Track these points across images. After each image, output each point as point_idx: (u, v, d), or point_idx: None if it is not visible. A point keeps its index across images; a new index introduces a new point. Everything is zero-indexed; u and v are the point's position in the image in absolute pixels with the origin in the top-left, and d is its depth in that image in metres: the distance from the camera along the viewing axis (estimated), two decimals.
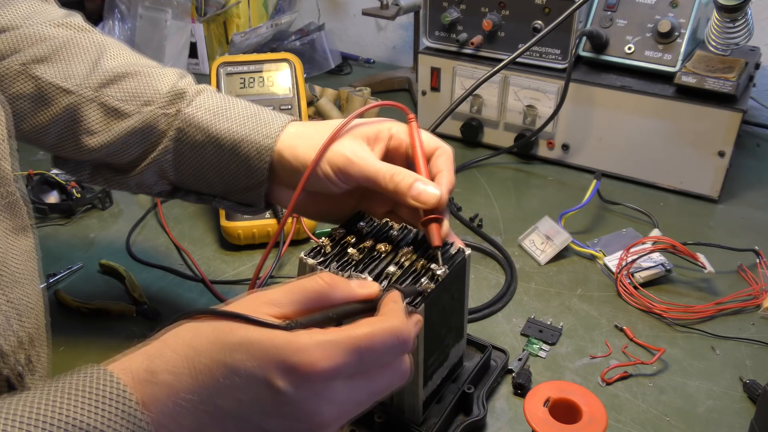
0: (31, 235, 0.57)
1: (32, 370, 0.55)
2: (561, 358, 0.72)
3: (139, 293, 0.79)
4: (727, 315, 0.78)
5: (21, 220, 0.57)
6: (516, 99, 1.08)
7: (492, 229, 0.94)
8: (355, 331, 0.40)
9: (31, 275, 0.57)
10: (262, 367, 0.38)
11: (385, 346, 0.41)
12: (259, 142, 0.58)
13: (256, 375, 0.38)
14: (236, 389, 0.38)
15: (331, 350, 0.39)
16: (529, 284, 0.83)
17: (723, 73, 0.93)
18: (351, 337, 0.40)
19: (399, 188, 0.54)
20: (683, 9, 0.99)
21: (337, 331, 0.40)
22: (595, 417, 0.56)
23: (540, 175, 1.08)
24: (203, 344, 0.39)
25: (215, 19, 1.42)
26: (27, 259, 0.57)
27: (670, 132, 0.98)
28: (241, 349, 0.38)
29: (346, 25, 1.61)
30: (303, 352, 0.38)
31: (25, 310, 0.55)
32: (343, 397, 0.40)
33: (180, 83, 0.61)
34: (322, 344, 0.39)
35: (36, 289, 0.57)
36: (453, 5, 1.09)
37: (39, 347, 0.57)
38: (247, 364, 0.38)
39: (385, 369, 0.42)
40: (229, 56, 0.98)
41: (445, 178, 0.56)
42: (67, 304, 0.78)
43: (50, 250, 0.88)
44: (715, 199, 1.00)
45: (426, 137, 0.59)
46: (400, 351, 0.42)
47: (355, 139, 0.56)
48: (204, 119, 0.59)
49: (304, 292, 0.42)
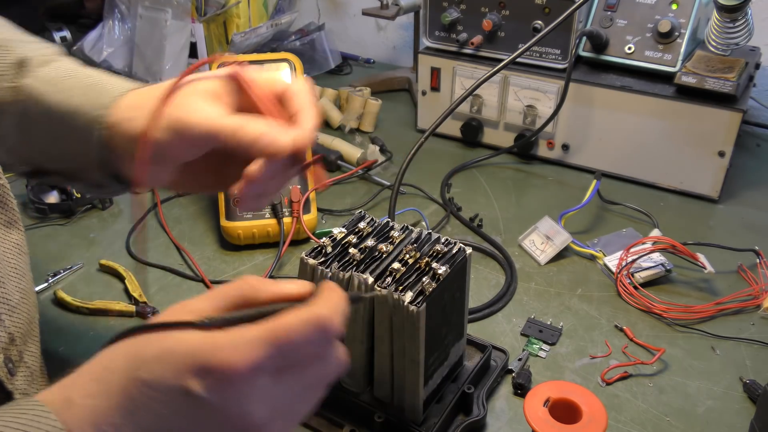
0: (20, 228, 0.57)
1: (23, 367, 0.54)
2: (561, 358, 0.72)
3: (139, 293, 0.79)
4: (727, 315, 0.78)
5: (10, 213, 0.57)
6: (516, 99, 1.08)
7: (492, 229, 0.94)
8: (272, 324, 0.37)
9: (21, 270, 0.56)
10: (177, 375, 0.35)
11: (305, 336, 0.37)
12: (89, 113, 0.51)
13: (171, 384, 0.35)
14: (155, 404, 0.36)
15: (248, 346, 0.36)
16: (529, 284, 0.83)
17: (723, 73, 0.93)
18: (268, 331, 0.37)
19: (243, 142, 0.46)
20: (683, 9, 0.99)
21: (254, 326, 0.37)
22: (595, 417, 0.56)
23: (540, 175, 1.08)
24: (118, 364, 0.37)
25: (215, 19, 1.42)
26: (18, 253, 0.57)
27: (670, 132, 0.99)
28: (156, 360, 0.36)
29: (346, 25, 1.61)
30: (218, 352, 0.35)
31: (17, 305, 0.54)
32: (274, 393, 0.37)
33: (28, 49, 0.55)
34: (237, 341, 0.36)
35: (27, 284, 0.57)
36: (453, 5, 1.10)
37: (31, 344, 0.57)
38: (161, 375, 0.35)
39: (315, 359, 0.39)
40: (229, 56, 0.98)
41: (306, 116, 0.48)
42: (67, 304, 0.78)
43: (50, 250, 0.88)
44: (715, 199, 1.00)
45: (269, 78, 0.51)
46: (325, 339, 0.39)
47: (196, 96, 0.48)
48: (42, 90, 0.52)
49: (225, 297, 0.40)
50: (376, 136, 1.17)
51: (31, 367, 0.56)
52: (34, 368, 0.56)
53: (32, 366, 0.56)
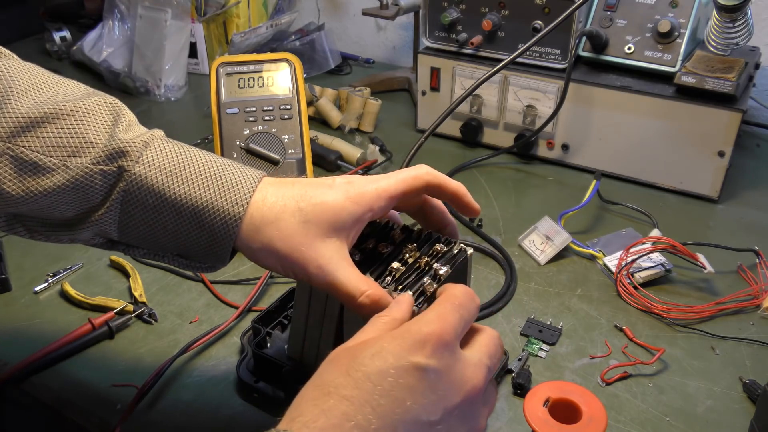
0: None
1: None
2: (561, 358, 0.72)
3: (140, 293, 0.79)
4: (726, 315, 0.78)
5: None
6: (516, 99, 1.08)
7: (492, 229, 0.94)
8: (450, 293, 0.46)
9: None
10: (403, 354, 0.41)
11: (472, 300, 0.47)
12: (225, 209, 0.49)
13: (402, 365, 0.40)
14: (392, 390, 0.40)
15: (445, 316, 0.44)
16: (529, 284, 0.83)
17: (723, 73, 0.93)
18: (449, 298, 0.46)
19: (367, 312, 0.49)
20: (683, 9, 0.99)
21: (439, 301, 0.46)
22: (594, 417, 0.56)
23: (540, 175, 1.08)
24: (339, 381, 0.40)
25: (215, 19, 1.42)
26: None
27: (670, 132, 0.98)
28: (376, 357, 0.41)
29: (346, 25, 1.61)
30: (427, 324, 0.42)
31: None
32: (471, 354, 0.45)
33: (117, 132, 0.50)
34: (435, 312, 0.44)
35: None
36: (453, 5, 1.09)
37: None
38: (386, 363, 0.40)
39: None
40: (228, 56, 0.98)
41: None
42: (71, 297, 0.79)
43: (50, 249, 0.88)
44: (715, 199, 1.00)
45: None
46: (477, 306, 0.48)
47: (331, 241, 0.50)
48: (157, 181, 0.49)
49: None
50: (375, 136, 1.17)
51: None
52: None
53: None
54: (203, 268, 0.54)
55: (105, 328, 0.74)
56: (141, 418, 0.64)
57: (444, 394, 0.42)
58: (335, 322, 0.57)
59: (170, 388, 0.68)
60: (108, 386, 0.68)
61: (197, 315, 0.78)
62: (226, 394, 0.67)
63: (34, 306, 0.79)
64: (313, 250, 0.49)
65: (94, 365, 0.71)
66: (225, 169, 0.51)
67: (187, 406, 0.66)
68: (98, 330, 0.73)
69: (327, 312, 0.58)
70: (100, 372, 0.70)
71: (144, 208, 0.49)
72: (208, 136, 1.16)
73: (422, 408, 0.40)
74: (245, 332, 0.71)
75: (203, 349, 0.73)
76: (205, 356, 0.72)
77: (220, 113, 0.94)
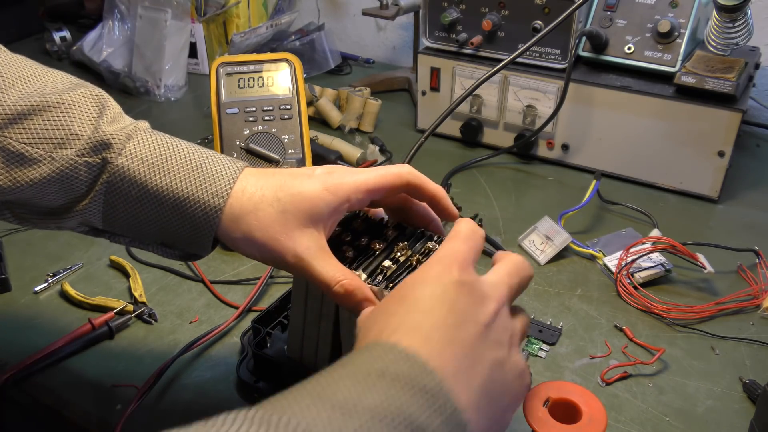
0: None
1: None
2: (561, 358, 0.72)
3: (140, 293, 0.79)
4: (726, 315, 0.78)
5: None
6: (516, 99, 1.08)
7: (492, 229, 0.94)
8: (455, 230, 0.49)
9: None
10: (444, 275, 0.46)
11: (474, 232, 0.50)
12: (205, 201, 0.50)
13: (443, 283, 0.45)
14: None
15: (455, 246, 0.48)
16: (529, 284, 0.83)
17: (723, 73, 0.93)
18: (456, 234, 0.49)
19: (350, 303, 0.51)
20: (683, 9, 0.99)
21: (447, 239, 0.49)
22: (594, 417, 0.56)
23: (540, 175, 1.08)
24: None
25: (215, 19, 1.42)
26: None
27: (669, 132, 0.98)
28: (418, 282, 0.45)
29: (346, 25, 1.61)
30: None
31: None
32: (489, 274, 0.49)
33: (102, 124, 0.51)
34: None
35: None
36: (453, 5, 1.09)
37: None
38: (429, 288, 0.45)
39: None
40: (228, 56, 0.98)
41: None
42: (71, 297, 0.79)
43: (50, 249, 0.88)
44: (715, 199, 1.00)
45: None
46: (482, 236, 0.51)
47: (309, 230, 0.50)
48: (139, 172, 0.50)
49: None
50: (375, 136, 1.17)
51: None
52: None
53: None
54: (187, 257, 0.55)
55: (105, 328, 0.74)
56: (141, 418, 0.64)
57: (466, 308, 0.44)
58: (332, 321, 0.57)
59: (170, 388, 0.68)
60: (108, 386, 0.68)
61: (197, 315, 0.78)
62: (226, 394, 0.67)
63: (34, 306, 0.79)
64: (290, 240, 0.49)
65: (94, 365, 0.71)
66: (207, 161, 0.52)
67: (187, 406, 0.66)
68: (98, 330, 0.73)
69: (323, 311, 0.58)
70: (100, 372, 0.70)
71: (127, 200, 0.51)
72: (208, 136, 1.16)
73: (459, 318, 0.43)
74: (245, 332, 0.71)
75: (203, 349, 0.73)
76: (205, 356, 0.72)
77: (220, 113, 0.94)
